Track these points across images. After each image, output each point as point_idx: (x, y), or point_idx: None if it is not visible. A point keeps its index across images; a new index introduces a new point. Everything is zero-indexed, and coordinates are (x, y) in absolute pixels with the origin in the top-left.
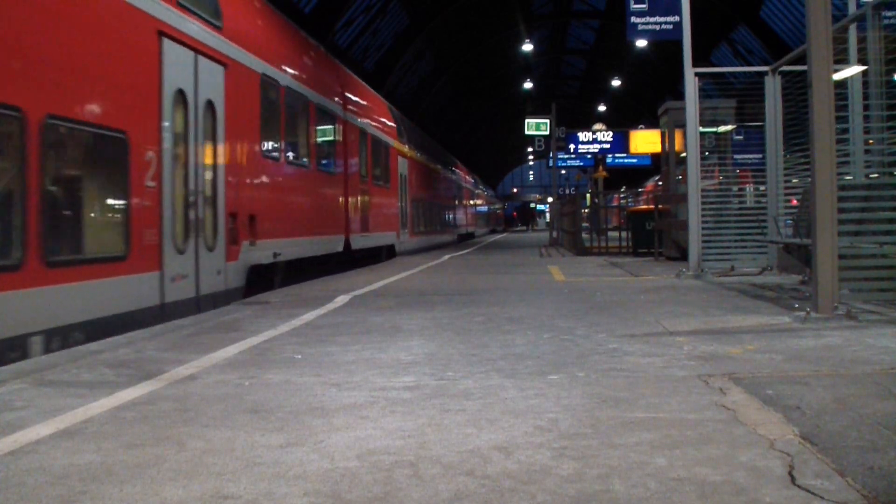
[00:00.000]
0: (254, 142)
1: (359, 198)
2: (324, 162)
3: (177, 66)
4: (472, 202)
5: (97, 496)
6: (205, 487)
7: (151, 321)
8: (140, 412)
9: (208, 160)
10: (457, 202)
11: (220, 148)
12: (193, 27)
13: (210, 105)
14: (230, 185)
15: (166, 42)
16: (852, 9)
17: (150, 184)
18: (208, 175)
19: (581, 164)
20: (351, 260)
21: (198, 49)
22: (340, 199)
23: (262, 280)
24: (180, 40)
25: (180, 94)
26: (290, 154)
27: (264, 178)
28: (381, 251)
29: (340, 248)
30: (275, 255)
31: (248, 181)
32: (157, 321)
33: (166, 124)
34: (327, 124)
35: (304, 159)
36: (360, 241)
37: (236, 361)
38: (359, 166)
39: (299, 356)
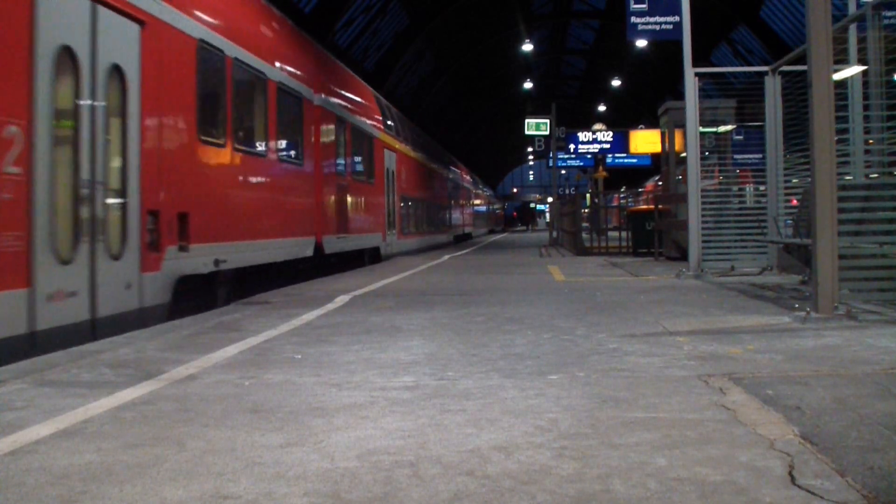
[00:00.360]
0: (187, 122)
1: (334, 194)
2: (288, 152)
3: (61, 15)
4: (469, 201)
5: (97, 496)
6: (205, 487)
7: (13, 356)
8: (140, 412)
9: (114, 142)
10: (453, 201)
11: (134, 127)
12: None
13: (118, 72)
14: (149, 175)
15: None
16: (852, 9)
17: (10, 169)
18: (114, 162)
19: (581, 164)
20: (325, 265)
21: None
22: (309, 195)
23: (200, 293)
24: None
25: (67, 52)
26: (240, 140)
27: (202, 168)
28: (364, 254)
29: (310, 252)
30: (217, 262)
31: (176, 170)
32: (24, 355)
33: (42, 91)
34: (293, 108)
35: (260, 147)
36: (335, 244)
37: (236, 361)
38: (334, 158)
39: (299, 356)
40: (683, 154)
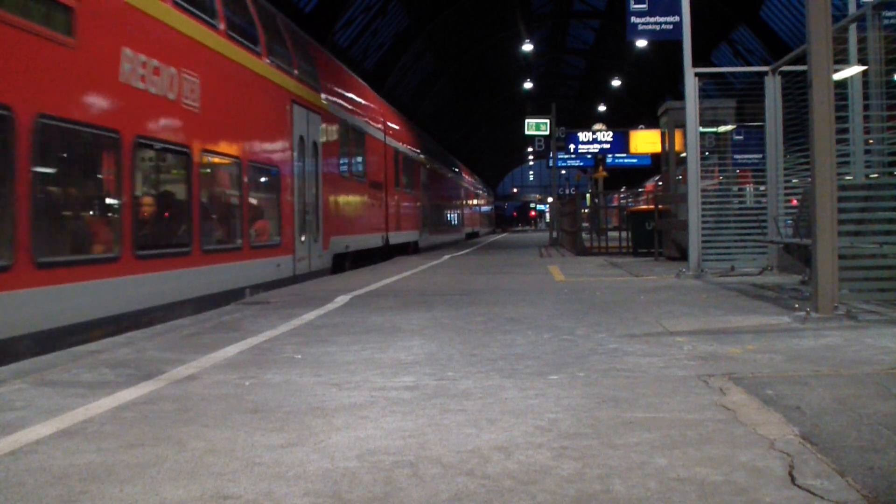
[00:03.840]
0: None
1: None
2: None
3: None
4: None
5: (97, 496)
6: (205, 487)
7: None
8: (140, 412)
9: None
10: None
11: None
12: None
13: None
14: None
15: None
16: (852, 9)
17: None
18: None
19: (581, 164)
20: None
21: None
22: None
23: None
24: None
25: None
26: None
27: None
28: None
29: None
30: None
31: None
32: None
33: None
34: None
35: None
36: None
37: (236, 361)
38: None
39: (299, 356)
40: (683, 154)
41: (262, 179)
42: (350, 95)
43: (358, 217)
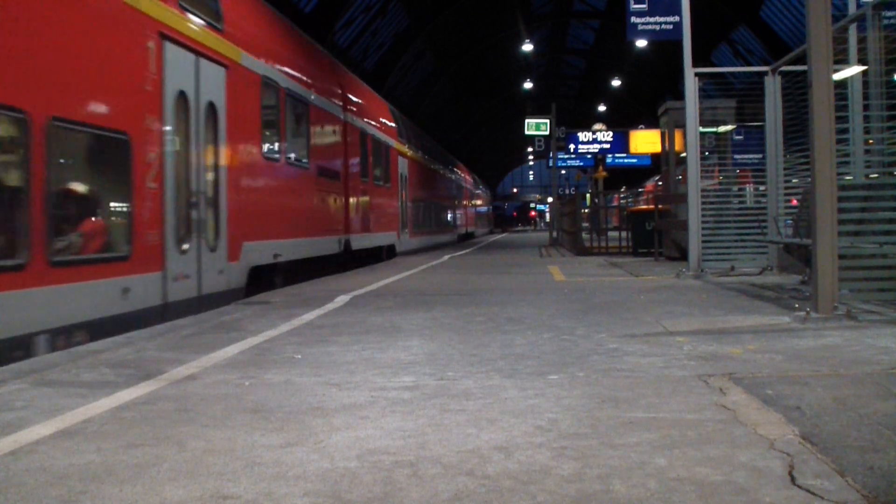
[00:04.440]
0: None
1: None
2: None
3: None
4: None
5: (97, 496)
6: (205, 487)
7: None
8: (140, 412)
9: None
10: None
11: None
12: None
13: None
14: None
15: None
16: (852, 9)
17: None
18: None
19: (581, 164)
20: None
21: None
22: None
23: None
24: None
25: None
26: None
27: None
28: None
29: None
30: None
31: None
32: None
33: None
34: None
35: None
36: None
37: (236, 361)
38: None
39: (299, 356)
40: (683, 154)
41: (89, 149)
42: (284, 51)
43: (296, 214)
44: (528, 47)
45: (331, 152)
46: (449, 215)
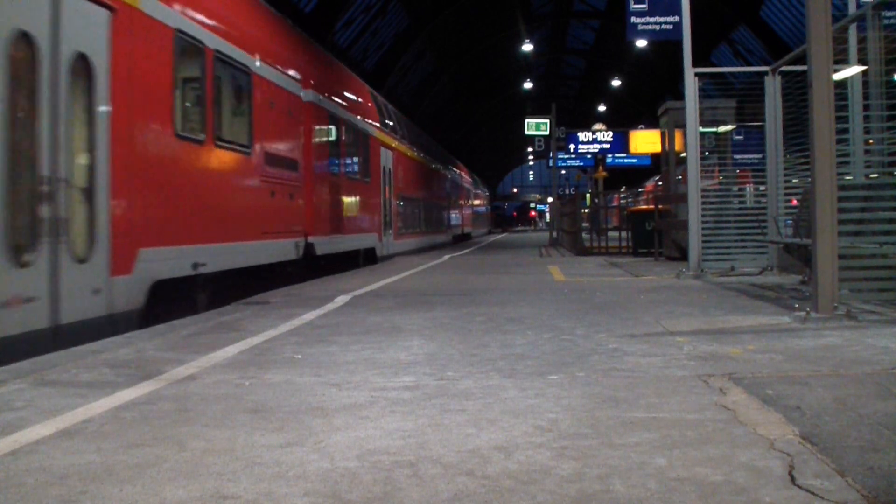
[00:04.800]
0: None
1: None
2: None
3: None
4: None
5: (97, 496)
6: (205, 487)
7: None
8: (140, 412)
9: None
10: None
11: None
12: None
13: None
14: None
15: None
16: (852, 9)
17: None
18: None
19: (581, 164)
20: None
21: None
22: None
23: None
24: None
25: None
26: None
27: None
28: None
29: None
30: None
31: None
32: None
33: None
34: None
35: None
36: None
37: (236, 361)
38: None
39: (299, 356)
40: (683, 154)
41: None
42: (214, 2)
43: (228, 211)
44: (528, 47)
45: (285, 136)
46: (442, 215)
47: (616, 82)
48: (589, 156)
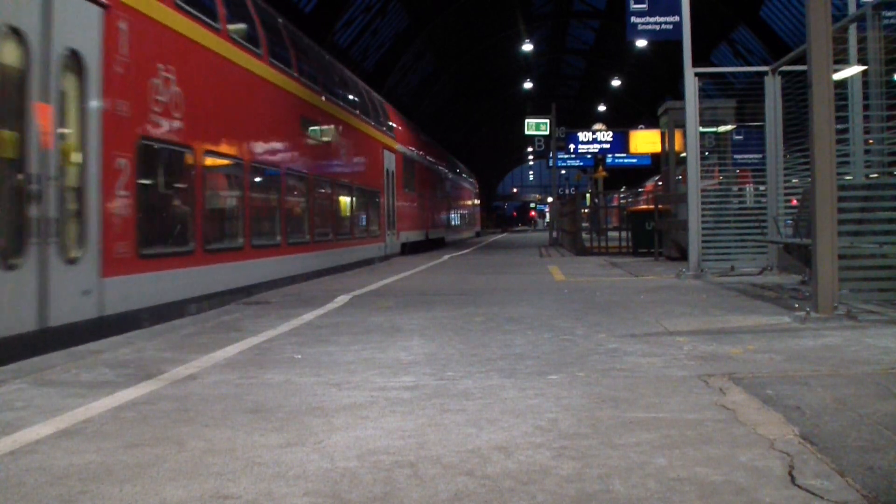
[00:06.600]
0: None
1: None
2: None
3: None
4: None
5: (97, 496)
6: (205, 487)
7: None
8: (140, 412)
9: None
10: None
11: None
12: None
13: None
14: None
15: None
16: (852, 9)
17: None
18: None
19: (581, 164)
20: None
21: None
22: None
23: None
24: None
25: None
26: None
27: None
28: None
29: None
30: None
31: None
32: None
33: None
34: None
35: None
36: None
37: (236, 361)
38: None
39: (299, 356)
40: (683, 154)
41: None
42: None
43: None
44: (528, 47)
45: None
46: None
47: (616, 82)
48: (589, 156)
